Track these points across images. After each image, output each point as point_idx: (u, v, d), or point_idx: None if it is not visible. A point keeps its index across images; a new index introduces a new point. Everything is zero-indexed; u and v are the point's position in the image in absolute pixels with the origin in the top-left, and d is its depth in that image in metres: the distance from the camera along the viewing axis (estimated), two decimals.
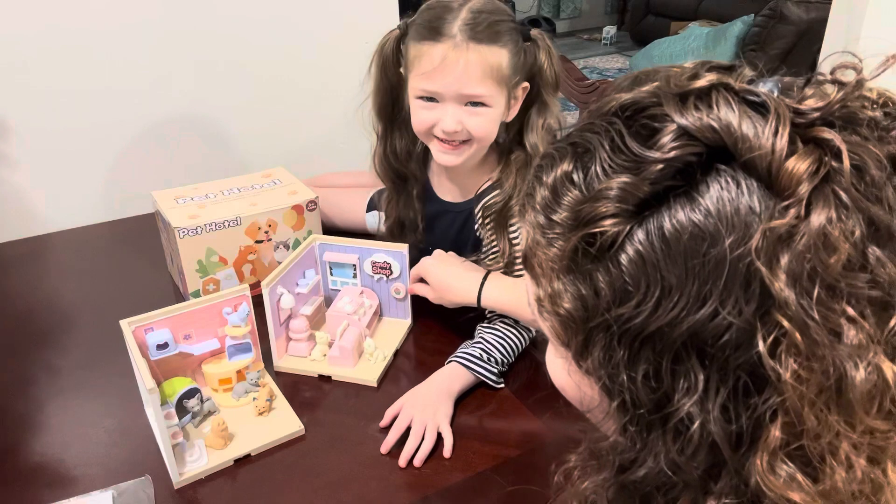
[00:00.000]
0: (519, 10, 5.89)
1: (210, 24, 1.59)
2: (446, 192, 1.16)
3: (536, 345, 1.08)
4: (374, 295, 1.13)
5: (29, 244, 1.45)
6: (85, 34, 1.47)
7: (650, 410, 0.40)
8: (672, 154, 0.37)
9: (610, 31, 5.92)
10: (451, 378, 0.97)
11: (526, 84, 1.03)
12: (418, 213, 1.18)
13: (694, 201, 0.37)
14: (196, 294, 1.17)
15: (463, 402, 0.97)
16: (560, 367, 0.47)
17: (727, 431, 0.38)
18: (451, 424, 0.92)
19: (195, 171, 1.43)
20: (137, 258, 1.37)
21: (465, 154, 1.04)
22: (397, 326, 1.14)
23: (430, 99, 1.00)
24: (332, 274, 1.14)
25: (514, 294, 1.02)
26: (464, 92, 0.98)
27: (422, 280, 1.09)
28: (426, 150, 1.13)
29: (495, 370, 0.99)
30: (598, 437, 0.47)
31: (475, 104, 0.99)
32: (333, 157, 1.82)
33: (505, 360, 1.02)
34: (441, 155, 1.04)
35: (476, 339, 1.04)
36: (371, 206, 1.34)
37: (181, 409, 0.91)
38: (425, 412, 0.92)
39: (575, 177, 0.41)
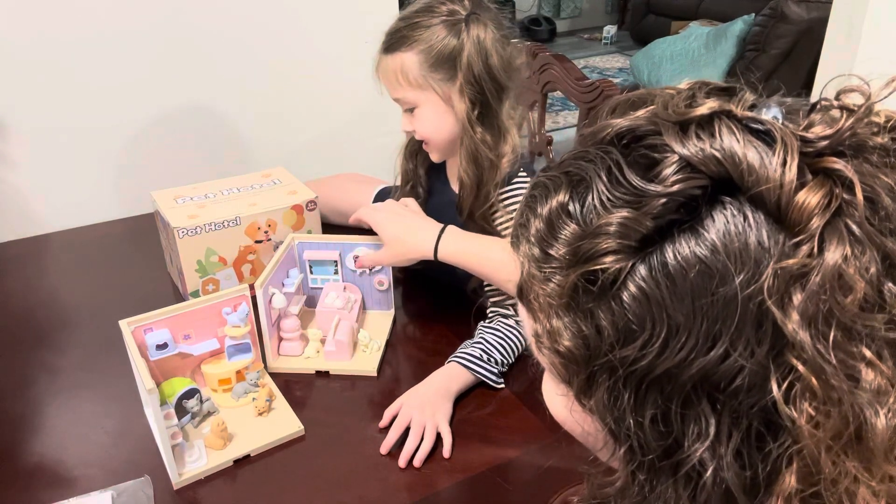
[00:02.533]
0: (519, 10, 5.89)
1: (210, 24, 1.59)
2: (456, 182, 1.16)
3: None
4: (356, 289, 1.14)
5: (29, 244, 1.45)
6: (85, 34, 1.47)
7: (660, 456, 0.39)
8: (675, 188, 0.35)
9: (610, 30, 5.92)
10: (450, 378, 0.97)
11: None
12: (422, 199, 1.18)
13: (699, 236, 0.35)
14: (195, 294, 1.17)
15: (463, 401, 0.97)
16: (561, 404, 0.45)
17: (741, 478, 0.37)
18: (451, 424, 0.92)
19: (195, 171, 1.43)
20: (137, 258, 1.37)
21: (434, 152, 1.10)
22: (382, 318, 1.15)
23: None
24: (311, 272, 1.14)
25: (475, 247, 1.00)
26: (392, 97, 1.07)
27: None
28: None
29: (495, 370, 0.99)
30: (603, 483, 0.45)
31: (410, 109, 1.06)
32: (333, 157, 1.82)
33: (505, 361, 1.01)
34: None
35: (476, 339, 1.04)
36: (378, 199, 1.34)
37: (180, 410, 0.91)
38: (424, 412, 0.91)
39: (571, 208, 0.39)
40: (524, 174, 1.08)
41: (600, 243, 0.37)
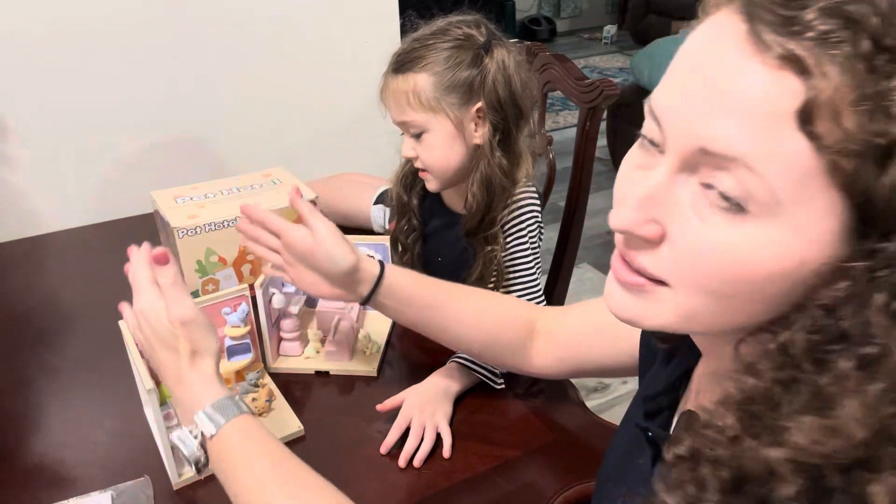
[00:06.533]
0: (519, 10, 5.89)
1: (210, 24, 1.59)
2: (457, 204, 1.15)
3: None
4: None
5: (28, 244, 1.45)
6: (85, 34, 1.47)
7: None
8: None
9: (610, 30, 5.92)
10: (450, 378, 0.97)
11: (480, 104, 1.00)
12: (417, 231, 1.18)
13: None
14: (195, 294, 1.17)
15: (463, 402, 0.97)
16: (763, 244, 0.39)
17: None
18: (451, 424, 0.92)
19: (194, 171, 1.43)
20: None
21: (432, 182, 1.07)
22: (383, 318, 1.12)
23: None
24: None
25: None
26: (396, 121, 1.04)
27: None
28: None
29: (496, 371, 0.99)
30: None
31: (417, 134, 1.02)
32: (333, 157, 1.83)
33: None
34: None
35: None
36: (380, 200, 1.34)
37: None
38: (424, 412, 0.91)
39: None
40: (528, 190, 1.08)
41: None
